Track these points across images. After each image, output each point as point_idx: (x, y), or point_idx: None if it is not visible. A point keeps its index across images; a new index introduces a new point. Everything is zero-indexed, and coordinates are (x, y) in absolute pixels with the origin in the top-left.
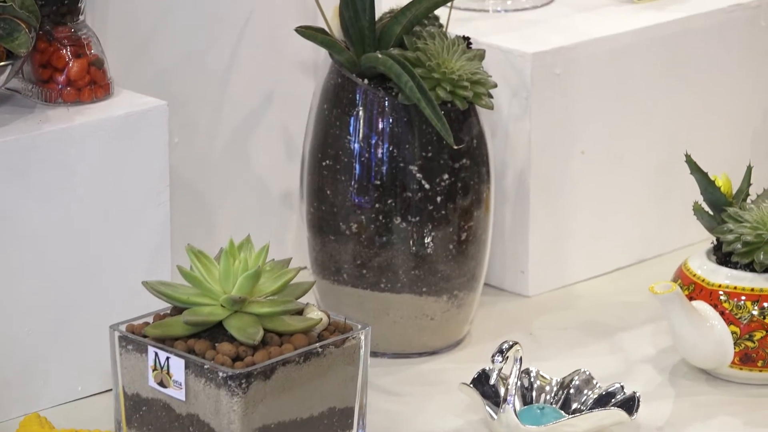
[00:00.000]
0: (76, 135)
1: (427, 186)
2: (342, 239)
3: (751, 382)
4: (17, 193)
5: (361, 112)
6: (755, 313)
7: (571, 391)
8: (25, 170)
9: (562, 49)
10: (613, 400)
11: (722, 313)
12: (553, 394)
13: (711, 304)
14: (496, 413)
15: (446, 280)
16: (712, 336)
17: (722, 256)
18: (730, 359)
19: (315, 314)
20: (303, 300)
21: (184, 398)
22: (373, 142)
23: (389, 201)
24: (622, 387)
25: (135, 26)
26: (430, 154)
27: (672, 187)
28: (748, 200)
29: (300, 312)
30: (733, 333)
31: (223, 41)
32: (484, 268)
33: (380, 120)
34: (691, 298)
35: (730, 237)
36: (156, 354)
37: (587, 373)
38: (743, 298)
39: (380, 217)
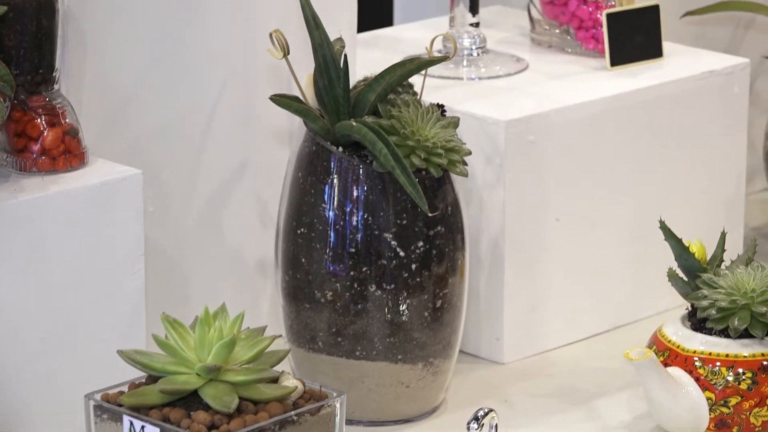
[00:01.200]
0: (51, 204)
1: (402, 253)
2: (317, 307)
3: None
4: None
5: (335, 180)
6: (730, 378)
7: None
8: (0, 239)
9: (535, 116)
10: None
11: (697, 379)
12: None
13: (686, 370)
14: None
15: (422, 348)
16: (688, 402)
17: (697, 322)
18: (705, 425)
19: (290, 382)
20: (278, 368)
21: None
22: (348, 209)
23: (364, 269)
24: None
25: (110, 95)
26: (404, 222)
27: (646, 254)
28: (723, 266)
29: (275, 380)
30: (708, 399)
31: (197, 110)
32: (459, 335)
33: (355, 188)
34: (666, 364)
35: (705, 303)
36: (131, 423)
37: None
38: (718, 364)
39: (355, 285)
